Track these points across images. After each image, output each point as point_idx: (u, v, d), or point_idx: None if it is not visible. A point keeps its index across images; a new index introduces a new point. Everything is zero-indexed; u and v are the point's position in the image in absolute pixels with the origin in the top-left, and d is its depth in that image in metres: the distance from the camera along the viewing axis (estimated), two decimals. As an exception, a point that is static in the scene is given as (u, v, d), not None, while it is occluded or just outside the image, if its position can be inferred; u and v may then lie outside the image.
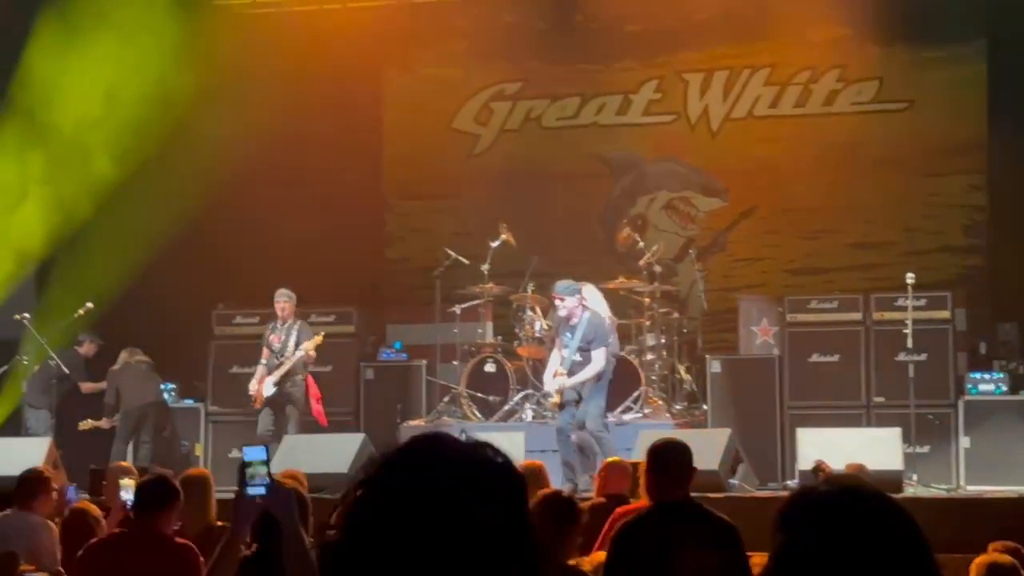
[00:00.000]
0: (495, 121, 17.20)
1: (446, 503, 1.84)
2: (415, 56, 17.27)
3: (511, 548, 1.86)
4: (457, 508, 1.84)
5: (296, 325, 13.94)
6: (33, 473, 8.60)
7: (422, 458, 1.89)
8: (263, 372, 13.87)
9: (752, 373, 14.14)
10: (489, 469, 1.90)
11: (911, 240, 15.80)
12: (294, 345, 13.79)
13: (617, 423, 13.38)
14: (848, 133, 16.10)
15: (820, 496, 2.21)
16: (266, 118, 15.35)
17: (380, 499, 1.86)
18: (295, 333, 13.86)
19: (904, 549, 2.15)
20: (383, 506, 1.85)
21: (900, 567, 2.14)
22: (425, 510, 1.83)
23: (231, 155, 15.39)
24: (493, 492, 1.87)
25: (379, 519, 1.84)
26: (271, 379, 13.78)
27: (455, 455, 1.90)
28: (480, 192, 16.79)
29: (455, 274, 14.88)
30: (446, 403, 14.45)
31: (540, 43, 16.74)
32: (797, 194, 16.22)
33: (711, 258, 16.44)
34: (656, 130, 16.79)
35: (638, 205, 16.83)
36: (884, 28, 15.65)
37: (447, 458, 1.89)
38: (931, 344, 13.52)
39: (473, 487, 1.86)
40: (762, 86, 16.46)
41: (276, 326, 13.99)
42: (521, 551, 1.88)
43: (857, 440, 12.23)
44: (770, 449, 13.53)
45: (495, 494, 1.87)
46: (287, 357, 13.75)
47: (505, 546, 1.85)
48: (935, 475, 12.97)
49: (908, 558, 2.16)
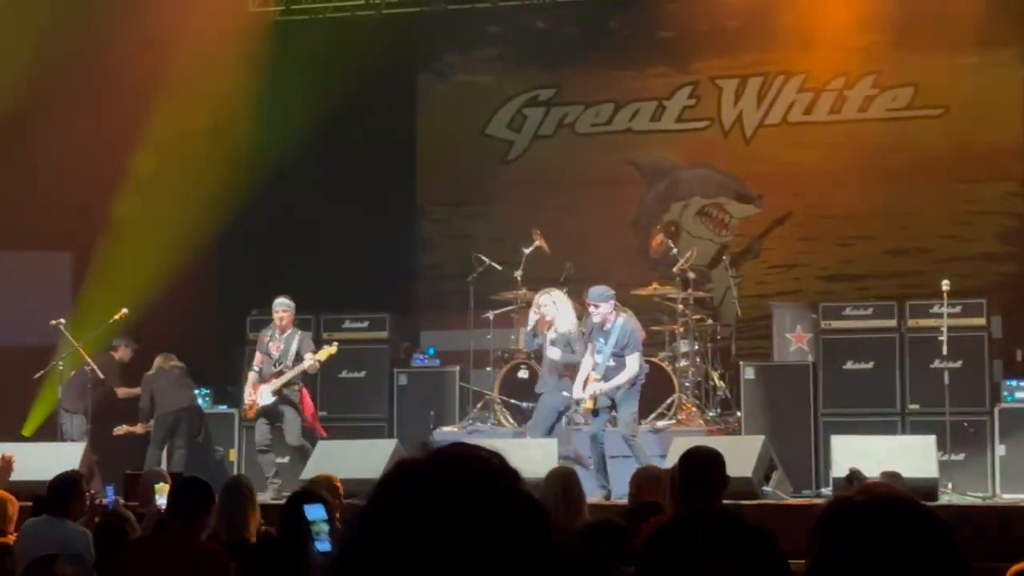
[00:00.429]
0: (528, 127, 17.21)
1: (449, 514, 1.80)
2: (449, 62, 17.30)
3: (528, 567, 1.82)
4: (461, 517, 1.80)
5: (296, 335, 13.73)
6: (65, 477, 8.54)
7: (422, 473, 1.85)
8: (255, 379, 13.70)
9: (786, 380, 14.08)
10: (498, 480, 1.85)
11: (946, 247, 15.72)
12: (294, 354, 13.59)
13: (650, 430, 13.36)
14: (883, 139, 16.03)
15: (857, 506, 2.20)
16: (300, 124, 15.42)
17: (379, 520, 1.82)
18: (295, 342, 13.66)
19: (940, 559, 2.15)
20: (382, 526, 1.81)
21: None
22: (424, 524, 1.79)
23: (266, 160, 15.47)
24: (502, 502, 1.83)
25: (379, 537, 1.81)
26: (268, 388, 13.58)
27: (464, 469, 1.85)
28: (513, 198, 16.81)
29: (488, 280, 14.89)
30: (479, 409, 14.46)
31: (574, 49, 16.75)
32: (831, 200, 16.18)
33: (745, 264, 16.41)
34: (690, 136, 16.77)
35: (671, 211, 16.81)
36: (919, 34, 15.59)
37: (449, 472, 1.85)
38: (966, 351, 13.44)
39: (482, 498, 1.82)
40: (796, 92, 16.41)
41: (274, 334, 13.75)
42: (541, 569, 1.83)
43: (892, 448, 12.16)
44: (804, 456, 13.48)
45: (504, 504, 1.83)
46: (286, 366, 13.54)
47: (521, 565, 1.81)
48: (970, 483, 12.90)
49: (944, 568, 2.15)
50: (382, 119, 16.60)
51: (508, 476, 1.86)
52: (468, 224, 17.09)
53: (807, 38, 16.26)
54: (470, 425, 14.18)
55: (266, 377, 13.69)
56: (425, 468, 1.85)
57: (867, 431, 13.05)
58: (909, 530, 2.14)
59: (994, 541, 10.00)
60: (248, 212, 15.75)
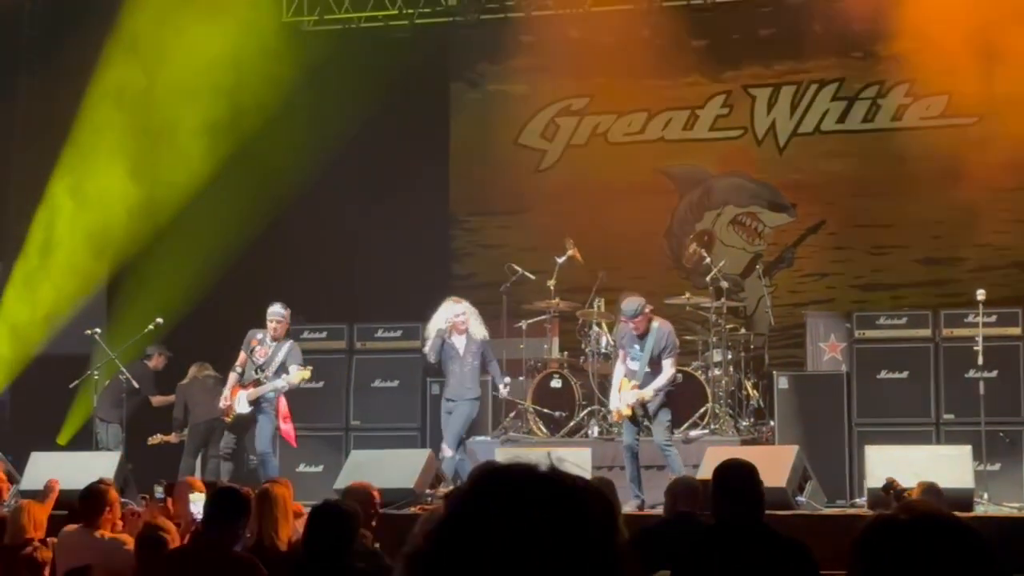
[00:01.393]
0: (561, 136, 17.22)
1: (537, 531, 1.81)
2: (481, 72, 17.33)
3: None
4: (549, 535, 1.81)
5: (286, 345, 13.54)
6: (94, 488, 8.50)
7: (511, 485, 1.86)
8: (235, 380, 13.53)
9: (820, 390, 14.02)
10: (579, 496, 1.87)
11: (981, 256, 15.66)
12: (278, 365, 13.43)
13: (684, 440, 13.34)
14: (916, 148, 15.97)
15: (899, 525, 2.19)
16: (333, 133, 15.47)
17: (470, 525, 1.83)
18: (283, 352, 13.48)
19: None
20: (472, 532, 1.82)
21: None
22: (515, 537, 1.80)
23: (300, 170, 15.52)
24: (584, 519, 1.84)
25: (470, 545, 1.82)
26: (246, 396, 13.46)
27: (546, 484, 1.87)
28: (546, 208, 16.82)
29: (521, 289, 14.90)
30: (512, 419, 14.46)
31: (606, 58, 16.74)
32: (865, 209, 16.14)
33: (778, 274, 16.38)
34: (723, 145, 16.75)
35: (704, 220, 16.79)
36: (951, 42, 15.53)
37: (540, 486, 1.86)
38: (1002, 361, 13.37)
39: (565, 514, 1.83)
40: (829, 101, 16.39)
41: (266, 339, 13.53)
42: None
43: (926, 458, 12.09)
44: (838, 466, 13.42)
45: (587, 521, 1.84)
46: (266, 376, 13.38)
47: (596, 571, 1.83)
48: (1006, 493, 12.81)
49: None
50: (415, 129, 16.63)
51: (596, 502, 1.88)
52: (501, 233, 17.11)
53: (840, 46, 16.24)
54: (503, 434, 14.19)
55: (246, 382, 13.54)
56: (515, 483, 1.87)
57: (901, 441, 12.98)
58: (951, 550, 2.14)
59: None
60: (282, 222, 15.81)
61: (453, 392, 13.33)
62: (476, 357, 13.31)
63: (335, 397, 15.01)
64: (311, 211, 15.83)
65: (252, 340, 13.59)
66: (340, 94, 15.75)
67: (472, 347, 13.34)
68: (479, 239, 17.30)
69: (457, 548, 1.82)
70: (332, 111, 15.61)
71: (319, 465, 14.54)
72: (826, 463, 13.17)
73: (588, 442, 13.59)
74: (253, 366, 13.51)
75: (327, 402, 15.01)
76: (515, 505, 1.82)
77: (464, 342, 13.36)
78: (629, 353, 12.49)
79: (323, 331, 14.99)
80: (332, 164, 15.74)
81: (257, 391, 13.40)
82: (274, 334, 13.50)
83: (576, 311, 14.60)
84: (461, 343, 13.36)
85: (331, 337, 14.86)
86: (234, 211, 15.58)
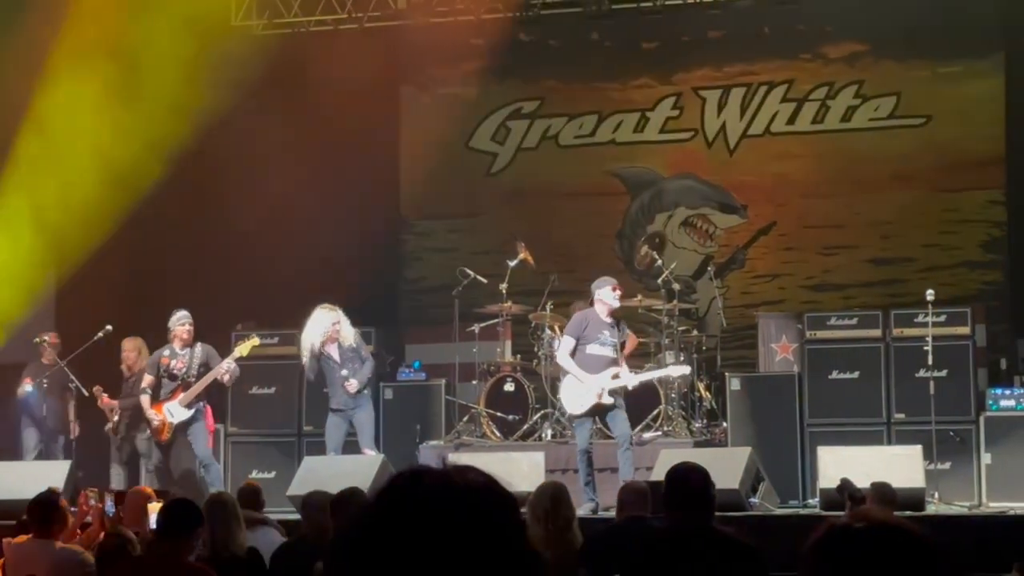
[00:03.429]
0: (512, 140, 17.22)
1: (439, 535, 1.85)
2: (432, 75, 17.29)
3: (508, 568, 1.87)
4: (449, 539, 1.85)
5: (199, 348, 13.51)
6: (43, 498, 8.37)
7: (407, 496, 1.90)
8: (148, 401, 13.41)
9: (772, 390, 14.08)
10: (477, 495, 1.90)
11: (930, 256, 15.77)
12: (199, 367, 13.39)
13: (638, 442, 13.36)
14: (866, 149, 16.08)
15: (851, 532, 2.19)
16: (283, 138, 15.39)
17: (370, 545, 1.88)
18: (200, 355, 13.46)
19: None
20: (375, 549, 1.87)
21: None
22: (418, 546, 1.85)
23: (250, 174, 15.44)
24: (484, 516, 1.88)
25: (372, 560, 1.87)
26: (177, 403, 13.36)
27: (441, 487, 1.91)
28: (498, 211, 16.83)
29: (473, 293, 14.88)
30: (465, 423, 14.45)
31: (557, 61, 16.76)
32: (815, 210, 16.22)
33: (729, 275, 16.43)
34: (673, 147, 16.79)
35: (656, 223, 16.82)
36: (901, 43, 15.65)
37: (433, 492, 1.90)
38: (951, 360, 13.48)
39: (463, 515, 1.87)
40: (779, 103, 16.44)
41: (174, 351, 13.47)
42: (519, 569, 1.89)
43: (878, 458, 12.16)
44: (791, 467, 13.48)
45: (486, 518, 1.88)
46: (192, 379, 13.33)
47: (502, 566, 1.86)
48: (957, 492, 12.90)
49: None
50: (365, 132, 16.57)
51: (497, 501, 1.91)
52: (452, 237, 17.09)
53: (789, 48, 16.33)
54: (456, 439, 14.17)
55: (165, 395, 13.45)
56: (418, 488, 1.91)
57: (853, 441, 13.06)
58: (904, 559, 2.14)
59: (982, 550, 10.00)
60: (231, 227, 15.72)
61: (343, 403, 13.35)
62: (353, 361, 13.38)
63: (288, 403, 14.96)
64: (261, 216, 15.73)
65: (160, 359, 13.55)
66: (290, 98, 15.67)
67: (348, 353, 13.40)
68: (430, 243, 17.28)
69: (363, 559, 1.87)
70: (282, 115, 15.52)
71: (272, 471, 14.47)
72: (779, 464, 13.23)
73: (541, 445, 13.58)
74: (172, 381, 13.44)
75: (280, 408, 14.96)
76: (414, 513, 1.87)
77: (338, 350, 13.37)
78: (597, 339, 12.46)
79: (275, 336, 14.93)
80: (282, 168, 15.66)
81: (193, 390, 13.33)
82: (183, 342, 13.48)
83: (528, 314, 14.60)
84: (336, 352, 13.39)
85: (283, 343, 14.79)
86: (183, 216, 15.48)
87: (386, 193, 17.12)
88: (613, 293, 12.52)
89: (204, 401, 13.61)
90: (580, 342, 12.50)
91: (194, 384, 13.37)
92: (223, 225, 15.88)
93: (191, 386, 13.38)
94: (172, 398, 13.42)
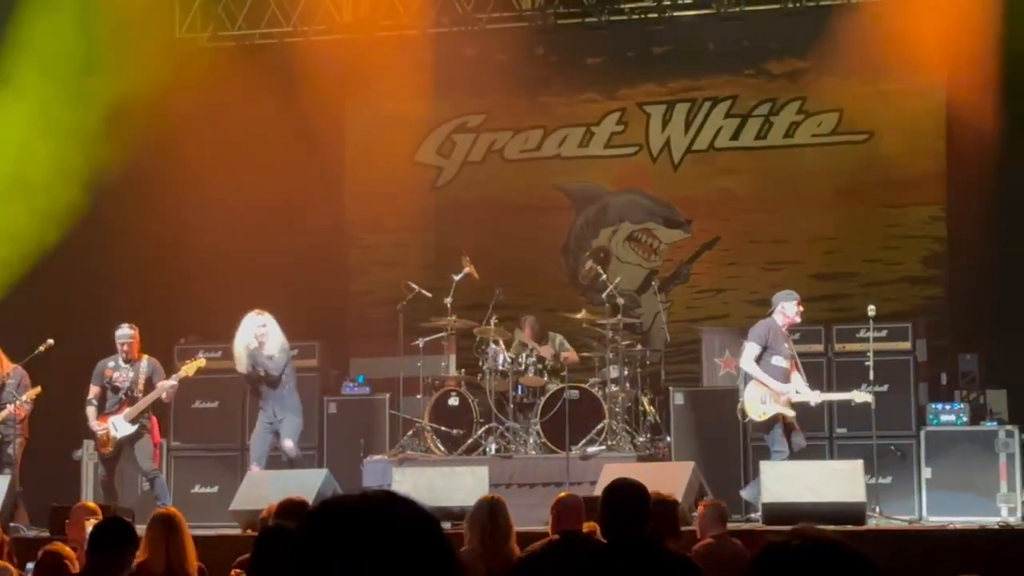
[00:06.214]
0: (457, 154, 17.23)
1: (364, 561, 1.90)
2: (377, 89, 17.25)
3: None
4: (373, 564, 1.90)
5: (143, 362, 13.47)
6: None
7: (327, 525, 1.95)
8: (94, 413, 13.38)
9: (715, 405, 14.14)
10: (400, 519, 1.95)
11: (872, 271, 15.90)
12: (144, 383, 13.37)
13: (581, 456, 13.40)
14: (809, 164, 16.20)
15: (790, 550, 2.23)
16: (226, 150, 15.32)
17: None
18: (144, 370, 13.42)
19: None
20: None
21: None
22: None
23: (193, 187, 15.36)
24: (406, 540, 1.93)
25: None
26: (122, 417, 13.31)
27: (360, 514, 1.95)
28: (443, 225, 16.84)
29: (418, 307, 14.87)
30: (409, 437, 14.42)
31: (502, 76, 16.78)
32: (759, 225, 16.32)
33: (674, 289, 16.51)
34: (618, 162, 16.86)
35: (600, 237, 16.87)
36: (843, 61, 15.77)
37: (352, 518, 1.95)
38: (893, 375, 13.62)
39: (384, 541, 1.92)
40: (723, 118, 16.55)
41: (118, 363, 13.45)
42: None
43: (820, 472, 12.25)
44: (734, 482, 13.53)
45: (408, 542, 1.93)
46: (138, 393, 13.30)
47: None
48: (897, 506, 13.02)
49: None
50: (310, 146, 16.53)
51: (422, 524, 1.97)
52: (397, 251, 17.07)
53: (733, 64, 16.44)
54: (400, 453, 14.15)
55: (111, 408, 13.42)
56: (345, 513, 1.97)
57: (796, 456, 13.12)
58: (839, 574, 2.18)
59: (921, 564, 10.07)
60: (173, 240, 15.65)
61: (273, 413, 13.49)
62: (282, 369, 13.52)
63: (230, 417, 14.91)
64: (205, 229, 15.65)
65: (105, 371, 13.51)
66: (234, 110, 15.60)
67: (277, 358, 13.54)
68: (375, 256, 17.25)
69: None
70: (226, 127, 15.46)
71: (214, 486, 14.41)
72: (722, 478, 13.29)
73: (485, 460, 13.58)
74: (116, 394, 13.39)
75: (222, 422, 14.91)
76: (338, 535, 1.92)
77: (269, 354, 13.50)
78: (780, 350, 12.76)
79: (218, 350, 14.86)
80: (226, 180, 15.57)
81: (137, 406, 13.27)
82: (127, 356, 13.44)
83: (473, 328, 14.60)
84: (260, 359, 13.50)
85: (226, 357, 14.72)
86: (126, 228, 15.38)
87: (331, 206, 17.07)
88: (798, 308, 12.87)
89: (149, 413, 13.53)
90: (764, 352, 12.71)
91: (140, 400, 13.29)
92: (167, 238, 15.81)
93: (136, 401, 13.30)
94: (118, 411, 13.35)
